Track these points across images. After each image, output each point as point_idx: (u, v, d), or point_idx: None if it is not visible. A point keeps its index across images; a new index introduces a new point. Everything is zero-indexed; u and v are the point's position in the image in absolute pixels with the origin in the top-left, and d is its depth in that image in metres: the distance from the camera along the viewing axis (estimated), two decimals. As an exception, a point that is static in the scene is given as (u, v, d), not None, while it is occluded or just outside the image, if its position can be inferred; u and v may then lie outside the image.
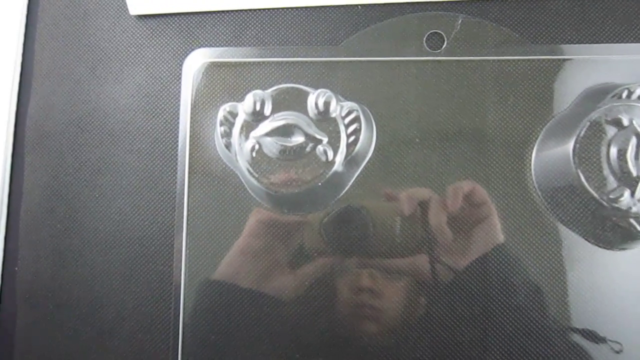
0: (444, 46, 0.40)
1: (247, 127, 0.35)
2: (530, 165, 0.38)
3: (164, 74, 0.42)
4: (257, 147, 0.34)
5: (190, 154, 0.40)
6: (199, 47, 0.41)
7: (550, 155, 0.37)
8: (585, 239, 0.37)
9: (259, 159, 0.35)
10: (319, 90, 0.34)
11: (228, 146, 0.35)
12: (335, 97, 0.34)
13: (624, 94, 0.35)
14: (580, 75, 0.39)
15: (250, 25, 0.41)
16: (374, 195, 0.38)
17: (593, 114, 0.34)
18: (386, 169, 0.38)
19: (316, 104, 0.34)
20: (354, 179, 0.38)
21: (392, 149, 0.39)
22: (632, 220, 0.34)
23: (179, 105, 0.41)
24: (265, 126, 0.34)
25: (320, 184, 0.34)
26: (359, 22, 0.41)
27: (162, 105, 0.41)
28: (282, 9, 0.41)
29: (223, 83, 0.40)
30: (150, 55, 0.42)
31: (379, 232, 0.36)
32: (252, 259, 0.36)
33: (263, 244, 0.36)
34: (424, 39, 0.40)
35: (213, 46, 0.42)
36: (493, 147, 0.38)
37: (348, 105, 0.35)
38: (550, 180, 0.37)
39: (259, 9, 0.41)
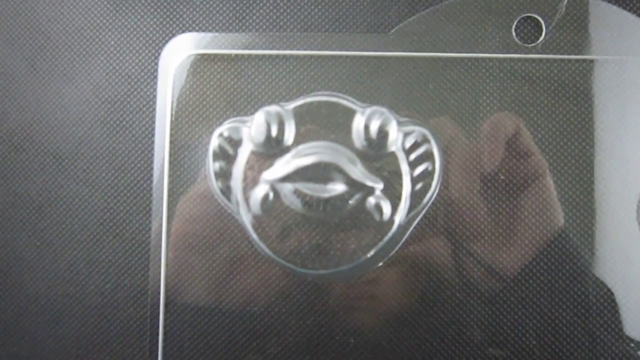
0: (541, 38, 0.27)
1: (257, 165, 0.23)
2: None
3: (133, 71, 0.29)
4: (271, 196, 0.22)
5: (169, 188, 0.27)
6: (182, 32, 0.28)
7: None
8: None
9: (275, 215, 0.22)
10: (372, 109, 0.22)
11: (226, 193, 0.23)
12: (395, 119, 0.22)
13: None
14: None
15: (255, 3, 0.28)
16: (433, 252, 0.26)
17: None
18: (453, 221, 0.26)
19: (367, 130, 0.22)
20: (407, 235, 0.26)
21: (463, 191, 0.26)
22: None
23: (153, 116, 0.28)
24: (286, 165, 0.22)
25: (370, 255, 0.22)
26: (418, 1, 0.28)
27: (131, 116, 0.29)
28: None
29: (218, 86, 0.28)
30: (114, 44, 0.29)
31: None
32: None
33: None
34: (513, 26, 0.27)
35: (202, 31, 0.29)
36: (607, 182, 0.26)
37: (415, 132, 0.22)
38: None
39: (272, -22, 0.28)
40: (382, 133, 0.22)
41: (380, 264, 0.26)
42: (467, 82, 0.27)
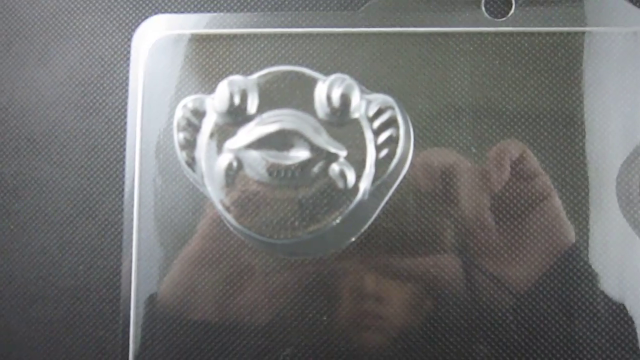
0: (511, 12, 0.27)
1: (221, 134, 0.23)
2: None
3: (106, 53, 0.29)
4: (235, 165, 0.22)
5: (141, 170, 0.27)
6: (156, 14, 0.29)
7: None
8: None
9: (239, 185, 0.22)
10: (334, 76, 0.22)
11: (191, 163, 0.23)
12: (358, 86, 0.22)
13: None
14: None
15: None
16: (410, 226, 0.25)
17: None
18: (429, 194, 0.26)
19: (329, 98, 0.22)
20: (381, 206, 0.26)
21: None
22: None
23: (126, 97, 0.28)
24: (249, 133, 0.22)
25: (335, 222, 0.22)
26: (387, -24, 0.28)
27: (104, 98, 0.29)
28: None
29: (191, 66, 0.28)
30: (87, 26, 0.29)
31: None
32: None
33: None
34: (483, 1, 0.27)
35: (176, 12, 0.29)
36: (583, 156, 0.26)
37: (379, 99, 0.22)
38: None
39: (242, -42, 0.29)
40: (344, 100, 0.22)
41: (353, 239, 0.26)
42: (437, 57, 0.27)
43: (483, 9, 0.27)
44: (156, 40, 0.28)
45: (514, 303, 0.25)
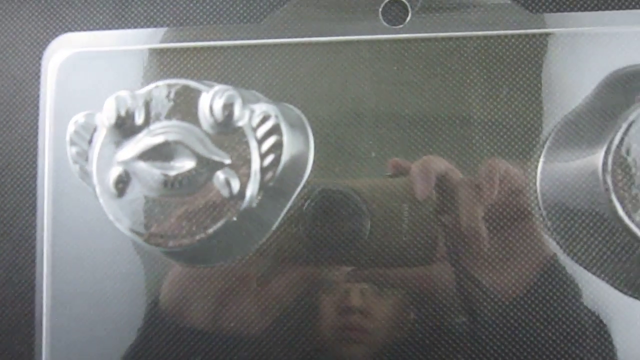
0: (407, 19, 0.28)
1: (111, 148, 0.23)
2: (535, 182, 0.26)
3: (18, 71, 0.30)
4: (124, 176, 0.23)
5: (53, 185, 0.28)
6: (65, 32, 0.29)
7: (566, 170, 0.25)
8: (617, 289, 0.26)
9: (130, 196, 0.23)
10: (216, 88, 0.22)
11: (84, 176, 0.23)
12: (241, 96, 0.23)
13: (676, 79, 0.23)
14: (603, 52, 0.27)
15: (133, 0, 0.29)
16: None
17: (632, 111, 0.22)
18: (330, 197, 0.27)
19: (212, 109, 0.22)
20: (284, 212, 0.26)
21: (337, 167, 0.27)
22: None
23: (37, 114, 0.28)
24: (136, 145, 0.22)
25: (216, 228, 0.22)
26: (288, -12, 0.29)
27: (16, 115, 0.29)
28: (180, -26, 0.29)
29: (98, 82, 0.28)
30: (-1, 46, 0.30)
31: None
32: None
33: None
34: (380, 9, 0.28)
35: (85, 29, 0.30)
36: (481, 157, 0.27)
37: (261, 109, 0.23)
38: (566, 206, 0.25)
39: (147, -24, 0.29)
40: (227, 110, 0.22)
41: (255, 247, 0.26)
42: (337, 65, 0.28)
43: (380, 17, 0.28)
44: (66, 58, 0.29)
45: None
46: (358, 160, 0.27)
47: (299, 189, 0.27)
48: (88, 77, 0.29)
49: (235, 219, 0.22)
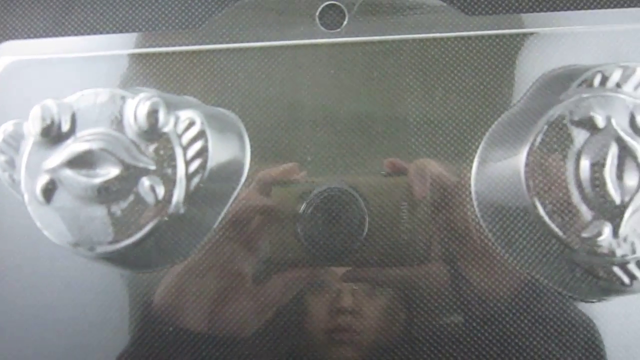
0: (344, 23, 0.28)
1: (38, 156, 0.23)
2: (469, 183, 0.27)
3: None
4: (51, 184, 0.23)
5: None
6: (6, 40, 0.29)
7: (497, 170, 0.26)
8: (554, 289, 0.26)
9: (57, 203, 0.23)
10: (141, 95, 0.23)
11: (13, 185, 0.24)
12: (171, 103, 0.23)
13: (597, 80, 0.23)
14: (535, 55, 0.28)
15: (76, 7, 0.29)
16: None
17: (553, 112, 0.23)
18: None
19: (137, 116, 0.22)
20: (221, 216, 0.27)
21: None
22: (616, 269, 0.22)
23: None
24: (62, 153, 0.23)
25: (141, 236, 0.22)
26: (225, -5, 0.29)
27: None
28: (120, -19, 0.29)
29: (39, 90, 0.29)
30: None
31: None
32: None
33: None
34: (317, 14, 0.28)
35: (26, 37, 0.30)
36: (418, 158, 0.27)
37: (186, 115, 0.23)
38: (497, 207, 0.25)
39: (86, -17, 0.29)
40: (152, 117, 0.22)
41: (194, 249, 0.26)
42: (275, 70, 0.28)
43: (317, 21, 0.28)
44: (5, 66, 0.29)
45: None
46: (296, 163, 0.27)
47: (236, 192, 0.27)
48: (28, 85, 0.29)
49: (159, 224, 0.23)
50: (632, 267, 0.22)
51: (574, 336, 0.26)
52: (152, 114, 0.22)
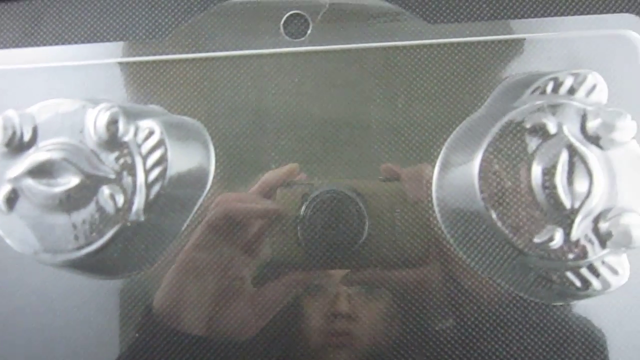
0: (308, 32, 0.29)
1: (1, 165, 0.24)
2: (430, 189, 0.27)
3: None
4: (14, 194, 0.23)
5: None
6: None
7: (454, 176, 0.26)
8: (512, 290, 0.26)
9: (19, 212, 0.23)
10: (101, 105, 0.23)
11: (-22, 196, 0.24)
12: (127, 112, 0.23)
13: (549, 87, 0.24)
14: (496, 62, 0.28)
15: (45, 17, 0.30)
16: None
17: (505, 118, 0.23)
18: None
19: (97, 125, 0.23)
20: (187, 223, 0.27)
21: (238, 179, 0.27)
22: (569, 274, 0.23)
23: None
24: (23, 163, 0.23)
25: (101, 244, 0.23)
26: (191, 6, 0.30)
27: None
28: (88, -8, 0.30)
29: (8, 100, 0.29)
30: None
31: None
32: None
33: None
34: (282, 23, 0.29)
35: (-3, 48, 0.30)
36: (379, 164, 0.27)
37: (146, 124, 0.23)
38: (456, 213, 0.26)
39: (54, -5, 0.30)
40: (111, 126, 0.23)
41: (159, 257, 0.27)
42: (240, 79, 0.29)
43: (282, 30, 0.29)
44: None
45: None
46: (260, 172, 0.28)
47: (201, 199, 0.27)
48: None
49: (120, 231, 0.23)
50: (584, 271, 0.23)
51: (535, 340, 0.26)
52: (112, 123, 0.23)
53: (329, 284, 0.27)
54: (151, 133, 0.23)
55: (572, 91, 0.24)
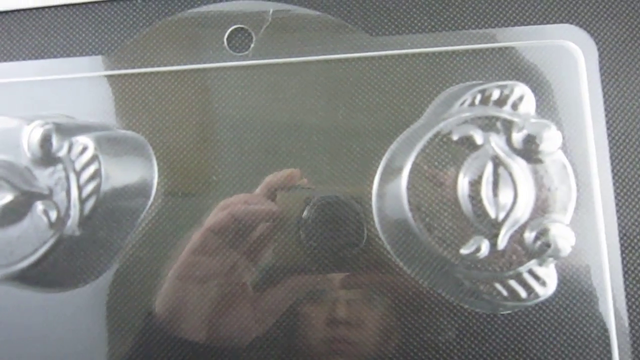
0: (251, 46, 0.29)
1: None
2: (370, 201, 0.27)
3: None
4: (-50, 211, 0.23)
5: None
6: None
7: (389, 186, 0.26)
8: (452, 300, 0.26)
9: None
10: (35, 122, 0.23)
11: None
12: (65, 128, 0.24)
13: (477, 99, 0.24)
14: (436, 73, 0.28)
15: (22, 34, 0.30)
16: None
17: (434, 130, 0.23)
18: (175, 221, 0.27)
19: (31, 141, 0.23)
20: (129, 236, 0.27)
21: (181, 191, 0.28)
22: (497, 285, 0.23)
23: None
24: (-42, 180, 0.23)
25: (36, 258, 0.23)
26: (136, 21, 0.30)
27: None
28: (36, 9, 0.30)
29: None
30: None
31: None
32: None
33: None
34: (225, 37, 0.29)
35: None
36: (324, 176, 0.28)
37: (81, 140, 0.24)
38: (391, 223, 0.26)
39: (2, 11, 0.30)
40: (45, 143, 0.23)
41: (104, 269, 0.27)
42: (184, 93, 0.29)
43: (226, 44, 0.29)
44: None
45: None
46: (202, 184, 0.28)
47: (145, 211, 0.27)
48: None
49: (55, 246, 0.23)
50: (512, 282, 0.23)
51: (477, 349, 0.26)
52: (45, 140, 0.23)
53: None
54: (85, 149, 0.23)
55: (500, 103, 0.24)
